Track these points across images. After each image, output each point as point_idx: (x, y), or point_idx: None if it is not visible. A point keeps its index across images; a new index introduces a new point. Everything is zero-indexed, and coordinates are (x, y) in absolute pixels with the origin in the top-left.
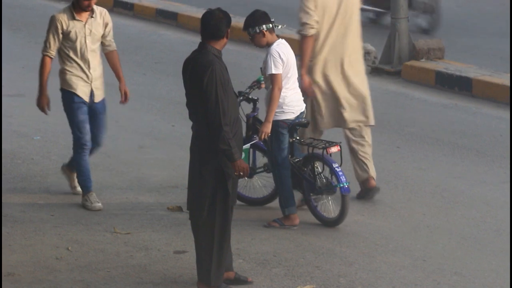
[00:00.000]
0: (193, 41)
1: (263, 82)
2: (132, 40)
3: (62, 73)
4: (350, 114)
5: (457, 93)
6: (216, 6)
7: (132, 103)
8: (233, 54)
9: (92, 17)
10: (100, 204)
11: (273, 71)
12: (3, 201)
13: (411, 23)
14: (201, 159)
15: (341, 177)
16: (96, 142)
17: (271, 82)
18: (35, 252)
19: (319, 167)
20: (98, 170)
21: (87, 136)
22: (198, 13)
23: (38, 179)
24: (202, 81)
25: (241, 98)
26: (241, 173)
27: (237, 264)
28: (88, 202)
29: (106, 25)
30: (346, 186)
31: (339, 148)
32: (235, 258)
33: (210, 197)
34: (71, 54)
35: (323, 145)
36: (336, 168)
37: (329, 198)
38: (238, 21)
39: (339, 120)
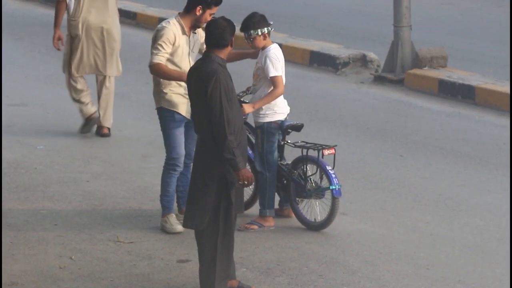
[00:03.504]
0: None
1: None
2: (135, 49)
3: (161, 92)
4: (102, 64)
5: (460, 101)
6: (220, 14)
7: (135, 112)
8: (236, 63)
9: (194, 32)
10: (180, 226)
11: (275, 73)
12: (6, 210)
13: None
14: (206, 168)
15: (333, 179)
16: (187, 156)
17: (273, 83)
18: (39, 261)
19: (309, 170)
20: (102, 179)
21: (182, 158)
22: None
23: (42, 188)
24: (206, 90)
25: None
26: (245, 182)
27: (240, 273)
28: (168, 224)
29: (200, 43)
30: (338, 188)
31: (333, 151)
32: (238, 267)
33: (213, 206)
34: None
35: (318, 147)
36: (329, 170)
37: (316, 202)
38: None
39: (95, 68)
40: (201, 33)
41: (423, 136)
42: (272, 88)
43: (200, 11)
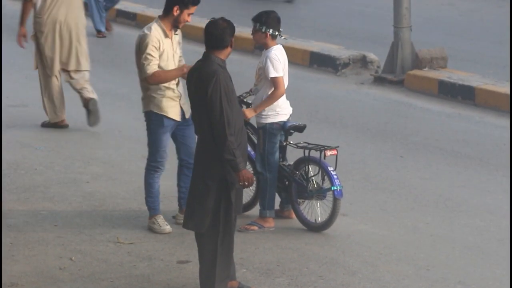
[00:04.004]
0: (196, 50)
1: None
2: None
3: (150, 96)
4: (73, 59)
5: (460, 102)
6: (219, 15)
7: (135, 112)
8: (236, 64)
9: (176, 33)
10: (169, 227)
11: (275, 74)
12: (6, 211)
13: None
14: (206, 169)
15: (335, 180)
16: (190, 155)
17: (273, 84)
18: (39, 262)
19: (311, 171)
20: (102, 180)
21: (165, 161)
22: (201, 22)
23: (42, 189)
24: (206, 91)
25: None
26: (246, 183)
27: (240, 274)
28: (157, 225)
29: (179, 43)
30: (339, 189)
31: (335, 152)
32: (238, 267)
33: (213, 207)
34: None
35: (321, 148)
36: (331, 171)
37: (318, 203)
38: (241, 31)
39: (67, 64)
40: (179, 33)
41: (423, 137)
42: (272, 89)
43: (178, 11)
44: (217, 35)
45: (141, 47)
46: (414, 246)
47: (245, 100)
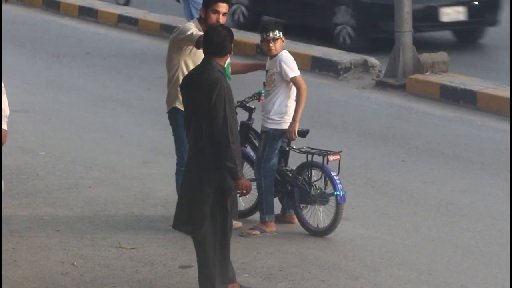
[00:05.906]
0: None
1: (263, 95)
2: (136, 55)
3: (178, 91)
4: None
5: (462, 106)
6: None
7: (136, 118)
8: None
9: None
10: (239, 223)
11: (295, 74)
12: (8, 216)
13: None
14: (203, 176)
15: (338, 185)
16: None
17: (295, 84)
18: (41, 267)
19: (314, 176)
20: (103, 185)
21: None
22: None
23: (44, 194)
24: (210, 97)
25: (238, 104)
26: (244, 191)
27: (242, 279)
28: None
29: None
30: (342, 194)
31: (338, 157)
32: (240, 272)
33: (210, 214)
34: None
35: (324, 153)
36: (334, 176)
37: (320, 208)
38: (242, 36)
39: None
40: None
41: (425, 141)
42: (291, 90)
43: (204, 13)
44: (218, 43)
45: (182, 31)
46: (416, 250)
47: (247, 105)
